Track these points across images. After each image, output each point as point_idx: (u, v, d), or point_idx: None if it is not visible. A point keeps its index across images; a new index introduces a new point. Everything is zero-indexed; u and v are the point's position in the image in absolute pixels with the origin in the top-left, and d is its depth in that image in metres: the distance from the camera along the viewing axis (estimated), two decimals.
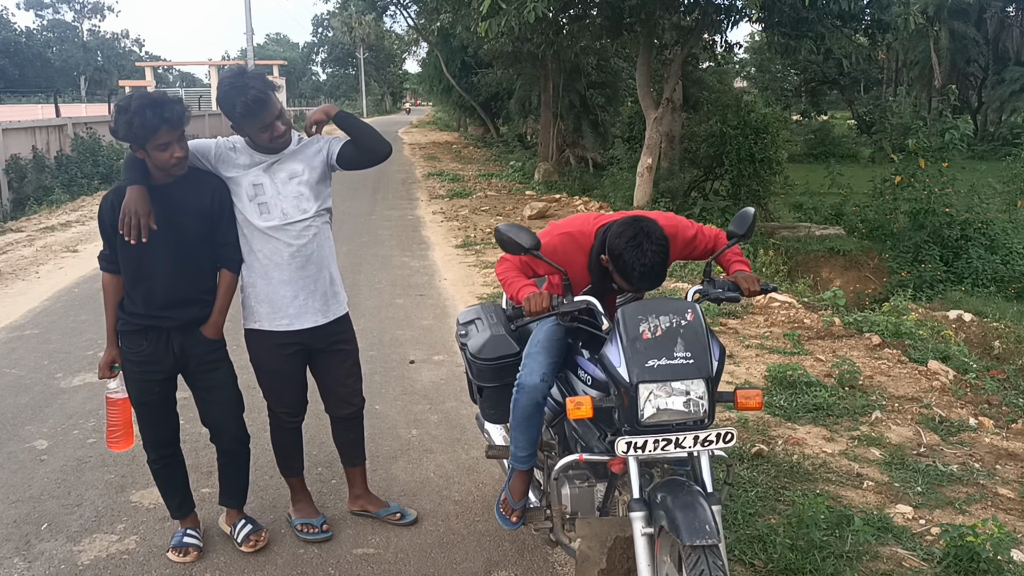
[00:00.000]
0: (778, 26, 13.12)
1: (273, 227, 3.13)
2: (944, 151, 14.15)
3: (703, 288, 2.72)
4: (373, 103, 73.00)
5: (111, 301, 3.11)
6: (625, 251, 2.52)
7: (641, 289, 2.63)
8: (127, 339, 3.12)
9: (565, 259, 2.76)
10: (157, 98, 2.88)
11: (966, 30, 33.89)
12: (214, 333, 3.18)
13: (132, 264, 3.03)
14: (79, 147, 18.44)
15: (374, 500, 3.65)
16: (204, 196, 3.08)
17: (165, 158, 2.90)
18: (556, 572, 3.27)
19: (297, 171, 3.17)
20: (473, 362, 3.29)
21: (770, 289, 2.77)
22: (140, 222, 2.89)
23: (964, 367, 5.84)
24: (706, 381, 2.36)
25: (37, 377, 5.55)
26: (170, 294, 3.05)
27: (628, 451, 2.35)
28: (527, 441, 3.05)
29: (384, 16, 33.16)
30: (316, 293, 3.25)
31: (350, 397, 3.48)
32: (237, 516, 3.46)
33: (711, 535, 2.17)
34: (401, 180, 18.75)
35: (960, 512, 3.72)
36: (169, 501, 3.40)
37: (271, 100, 3.01)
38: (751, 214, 2.79)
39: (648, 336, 2.40)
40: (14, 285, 8.36)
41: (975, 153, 27.26)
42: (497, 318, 3.39)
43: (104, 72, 76.59)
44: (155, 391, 3.17)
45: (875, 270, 14.12)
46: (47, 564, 3.32)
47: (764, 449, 4.27)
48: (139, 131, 2.82)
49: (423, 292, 8.00)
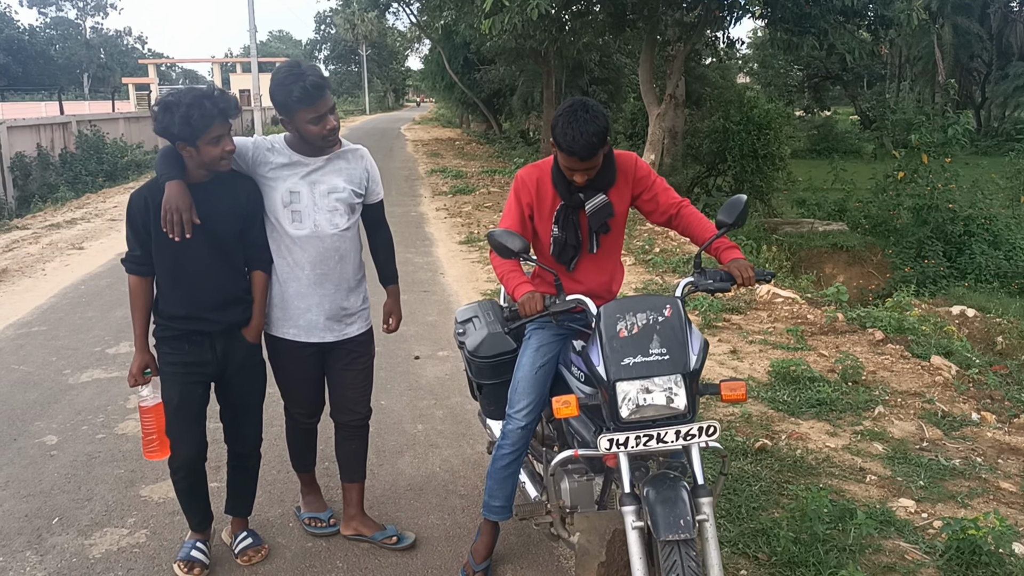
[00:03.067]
0: (781, 22, 13.14)
1: (303, 236, 3.06)
2: (947, 147, 14.15)
3: (694, 280, 2.71)
4: (376, 100, 73.06)
5: (140, 305, 2.98)
6: (561, 118, 2.65)
7: (579, 156, 2.66)
8: (167, 344, 3.01)
9: (536, 188, 2.90)
10: (208, 90, 2.81)
11: (970, 25, 33.82)
12: (255, 337, 3.11)
13: (169, 264, 2.93)
14: (83, 145, 18.53)
15: (368, 523, 3.48)
16: (239, 196, 3.00)
17: (216, 152, 2.82)
18: (560, 565, 3.31)
19: (338, 187, 3.11)
20: (471, 360, 3.31)
21: (767, 277, 2.72)
22: (184, 217, 2.81)
23: (967, 362, 5.87)
24: (684, 376, 2.38)
25: (45, 373, 5.59)
26: (216, 294, 2.98)
27: (611, 448, 2.39)
28: (504, 494, 3.08)
29: (387, 13, 33.10)
30: (327, 312, 3.16)
31: (353, 404, 3.36)
32: (241, 527, 3.38)
33: (685, 529, 2.20)
34: (404, 177, 18.78)
35: (962, 506, 3.75)
36: (192, 515, 3.26)
37: (328, 89, 2.98)
38: (742, 201, 2.73)
39: (624, 334, 2.44)
40: (21, 282, 8.40)
41: (978, 149, 27.26)
42: (494, 315, 3.42)
43: (107, 70, 76.73)
44: (198, 393, 3.06)
45: (878, 266, 14.14)
46: (59, 557, 3.36)
47: (767, 444, 4.30)
48: (198, 123, 2.74)
49: (427, 288, 8.03)
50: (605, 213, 2.84)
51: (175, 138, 2.79)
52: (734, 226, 2.72)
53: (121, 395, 5.15)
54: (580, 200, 2.84)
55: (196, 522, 3.27)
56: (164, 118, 2.77)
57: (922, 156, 14.10)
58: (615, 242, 3.03)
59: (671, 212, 2.95)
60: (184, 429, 3.03)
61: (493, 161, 22.84)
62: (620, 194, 2.92)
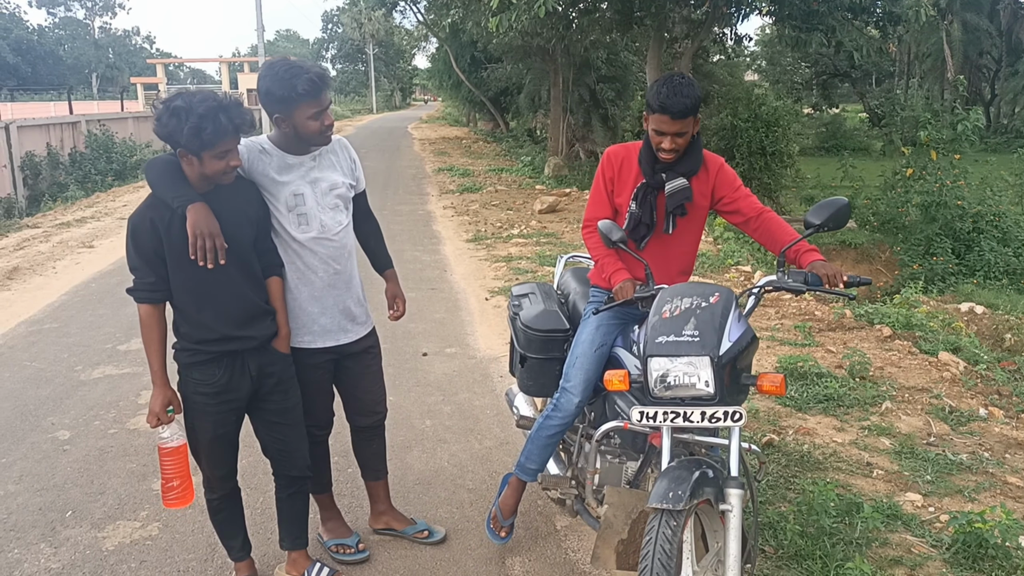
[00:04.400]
0: (789, 19, 13.12)
1: (311, 239, 2.97)
2: (956, 143, 14.08)
3: (776, 278, 2.74)
4: (383, 99, 73.07)
5: (157, 336, 2.72)
6: (658, 82, 2.81)
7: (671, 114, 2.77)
8: (198, 371, 2.78)
9: (620, 164, 3.05)
10: (224, 101, 2.60)
11: (979, 22, 33.62)
12: (287, 346, 2.96)
13: (192, 285, 2.70)
14: (93, 144, 18.64)
15: (399, 517, 3.49)
16: (250, 202, 2.85)
17: (220, 167, 2.62)
18: (569, 559, 3.33)
19: (337, 183, 3.05)
20: (524, 331, 3.35)
21: (863, 282, 2.69)
22: (216, 243, 2.63)
23: (975, 358, 5.86)
24: (711, 360, 2.41)
25: (57, 370, 5.64)
26: (245, 309, 2.79)
27: (640, 420, 2.48)
28: (541, 459, 3.21)
29: (394, 12, 33.17)
30: (343, 312, 3.11)
31: (374, 406, 3.34)
32: (306, 561, 3.15)
33: (671, 500, 2.22)
34: (411, 175, 18.82)
35: (969, 500, 3.76)
36: (231, 541, 3.09)
37: (329, 83, 2.91)
38: (840, 203, 2.67)
39: (667, 315, 2.54)
40: (32, 280, 8.47)
41: (987, 146, 27.11)
42: (551, 295, 3.54)
43: (115, 69, 77.09)
44: (231, 421, 2.88)
45: (886, 263, 14.09)
46: (73, 550, 3.40)
47: (775, 439, 4.31)
48: (209, 137, 2.53)
49: (435, 286, 8.06)
50: (683, 196, 2.92)
51: (179, 145, 2.58)
52: (824, 228, 2.69)
53: (132, 391, 5.20)
54: (661, 180, 2.93)
55: (238, 546, 3.10)
56: (170, 123, 2.54)
57: (931, 153, 14.04)
58: (690, 232, 3.08)
59: (751, 215, 3.00)
60: (219, 454, 2.90)
61: (500, 160, 22.87)
62: (701, 186, 3.00)
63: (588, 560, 3.28)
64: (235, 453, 2.98)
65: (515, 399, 3.86)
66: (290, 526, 3.14)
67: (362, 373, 3.26)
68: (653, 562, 2.17)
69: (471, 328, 6.60)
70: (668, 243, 3.03)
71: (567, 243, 10.16)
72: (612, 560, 2.49)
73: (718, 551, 2.44)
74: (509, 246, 10.07)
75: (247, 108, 2.70)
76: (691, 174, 2.95)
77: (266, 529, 3.51)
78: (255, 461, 3.83)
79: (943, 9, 31.23)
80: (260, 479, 3.88)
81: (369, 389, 3.31)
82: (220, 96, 2.63)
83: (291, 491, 3.10)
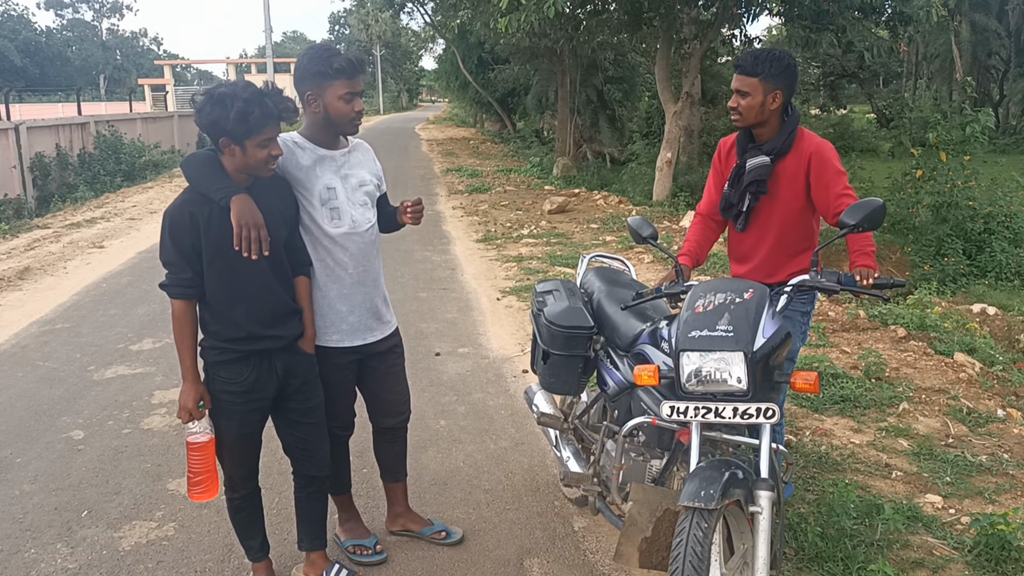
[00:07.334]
0: (798, 19, 13.08)
1: (343, 234, 2.97)
2: (965, 144, 14.01)
3: (807, 278, 2.73)
4: (390, 100, 73.16)
5: (190, 332, 2.72)
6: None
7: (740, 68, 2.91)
8: (225, 369, 2.78)
9: (726, 152, 3.20)
10: (265, 89, 2.62)
11: (988, 22, 33.48)
12: (312, 347, 2.96)
13: (226, 283, 2.70)
14: (102, 145, 18.66)
15: (416, 519, 3.48)
16: (283, 200, 2.84)
17: (263, 156, 2.63)
18: (588, 560, 3.31)
19: (365, 180, 3.07)
20: (548, 326, 3.30)
21: (896, 284, 2.69)
22: (260, 234, 2.63)
23: (991, 359, 5.82)
24: (745, 356, 2.39)
25: (70, 370, 5.64)
26: (275, 308, 2.79)
27: (671, 415, 2.45)
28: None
29: (401, 13, 33.19)
30: (371, 310, 3.11)
31: (399, 406, 3.35)
32: (324, 562, 3.14)
33: (703, 499, 2.20)
34: (420, 176, 18.82)
35: (990, 501, 3.72)
36: (250, 541, 3.08)
37: (366, 70, 2.93)
38: (875, 204, 2.63)
39: (700, 310, 2.52)
40: (43, 280, 8.48)
41: (997, 147, 26.98)
42: (575, 292, 3.53)
43: (123, 71, 77.39)
44: (256, 420, 2.88)
45: (897, 264, 14.02)
46: (89, 550, 3.40)
47: (792, 440, 4.28)
48: (255, 122, 2.55)
49: (446, 286, 8.05)
50: (760, 172, 2.91)
51: (224, 133, 2.57)
52: (858, 229, 2.66)
53: (146, 391, 5.19)
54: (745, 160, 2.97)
55: (257, 546, 3.09)
56: (215, 111, 2.54)
57: (940, 154, 13.97)
58: (774, 215, 3.05)
59: (835, 211, 2.92)
60: (245, 452, 2.91)
61: (508, 160, 22.86)
62: (788, 167, 2.97)
63: (607, 561, 3.26)
64: (258, 452, 2.97)
65: (535, 397, 3.84)
66: (309, 526, 3.12)
67: (387, 372, 3.25)
68: (684, 564, 2.14)
69: (483, 328, 6.59)
70: (755, 226, 3.03)
71: (577, 243, 10.14)
72: (635, 557, 2.47)
73: (744, 553, 2.41)
74: (519, 246, 10.06)
75: (288, 97, 2.71)
76: (778, 153, 2.91)
77: (282, 530, 3.49)
78: (270, 461, 3.81)
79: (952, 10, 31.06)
80: (276, 479, 3.87)
81: (393, 389, 3.30)
82: (260, 86, 2.65)
83: (310, 490, 3.08)
